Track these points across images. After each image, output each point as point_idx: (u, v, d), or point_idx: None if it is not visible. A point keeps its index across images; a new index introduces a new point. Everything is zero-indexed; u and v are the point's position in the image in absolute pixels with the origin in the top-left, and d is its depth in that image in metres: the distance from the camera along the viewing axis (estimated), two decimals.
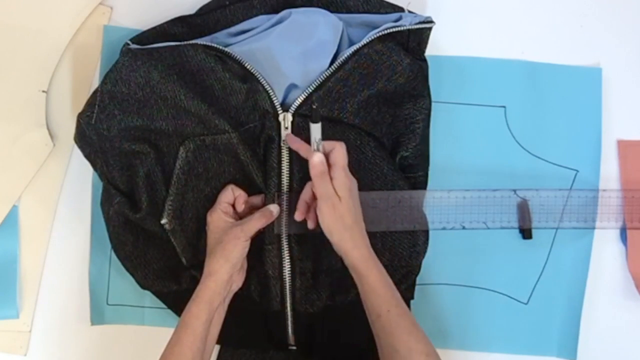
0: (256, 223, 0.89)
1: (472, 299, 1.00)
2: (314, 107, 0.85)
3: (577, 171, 1.01)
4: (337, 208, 0.85)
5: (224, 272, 0.87)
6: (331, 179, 0.86)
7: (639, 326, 1.01)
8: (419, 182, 0.97)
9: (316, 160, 0.85)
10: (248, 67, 0.93)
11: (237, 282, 0.91)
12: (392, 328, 0.84)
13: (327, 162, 0.86)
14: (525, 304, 1.00)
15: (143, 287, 0.96)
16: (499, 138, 1.01)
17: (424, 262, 0.96)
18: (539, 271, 1.00)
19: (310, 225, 0.90)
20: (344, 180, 0.86)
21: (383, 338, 0.85)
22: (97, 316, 0.99)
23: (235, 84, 0.93)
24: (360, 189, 0.89)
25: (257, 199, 0.94)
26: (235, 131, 0.92)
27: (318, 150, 0.86)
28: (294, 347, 0.96)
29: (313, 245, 0.93)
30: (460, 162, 1.00)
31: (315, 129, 0.86)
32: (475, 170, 1.00)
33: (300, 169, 0.92)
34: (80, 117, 0.93)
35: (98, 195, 0.96)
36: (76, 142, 0.95)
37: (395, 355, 0.83)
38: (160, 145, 0.94)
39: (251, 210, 0.92)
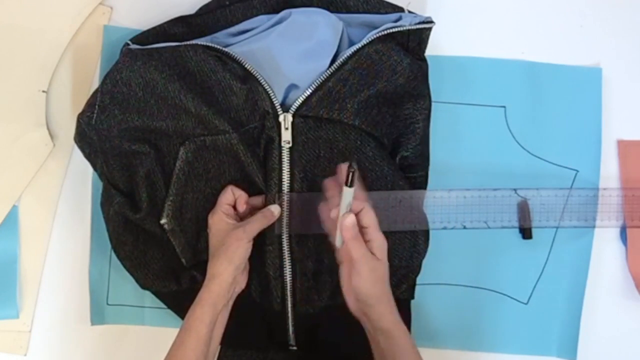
0: (258, 224, 0.89)
1: (472, 299, 1.00)
2: (352, 170, 0.81)
3: (577, 171, 1.01)
4: (377, 270, 0.84)
5: (227, 275, 0.87)
6: (367, 241, 0.84)
7: (639, 326, 1.01)
8: (419, 182, 0.96)
9: (349, 222, 0.82)
10: (248, 67, 0.93)
11: (240, 284, 0.91)
12: None
13: (358, 223, 0.84)
14: (525, 304, 1.00)
15: (143, 287, 0.96)
16: (499, 138, 1.01)
17: (424, 262, 0.96)
18: (539, 271, 1.00)
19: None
20: (382, 241, 0.84)
21: None
22: (97, 316, 0.99)
23: (235, 84, 0.93)
24: None
25: (257, 200, 0.93)
26: (235, 132, 0.92)
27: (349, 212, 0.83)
28: (295, 347, 0.96)
29: (314, 245, 0.93)
30: (460, 162, 1.00)
31: (348, 193, 0.82)
32: (475, 170, 1.00)
33: (301, 170, 0.92)
34: (80, 117, 0.93)
35: (98, 195, 0.96)
36: (76, 142, 0.95)
37: None
38: (161, 146, 0.94)
39: (252, 211, 0.92)
